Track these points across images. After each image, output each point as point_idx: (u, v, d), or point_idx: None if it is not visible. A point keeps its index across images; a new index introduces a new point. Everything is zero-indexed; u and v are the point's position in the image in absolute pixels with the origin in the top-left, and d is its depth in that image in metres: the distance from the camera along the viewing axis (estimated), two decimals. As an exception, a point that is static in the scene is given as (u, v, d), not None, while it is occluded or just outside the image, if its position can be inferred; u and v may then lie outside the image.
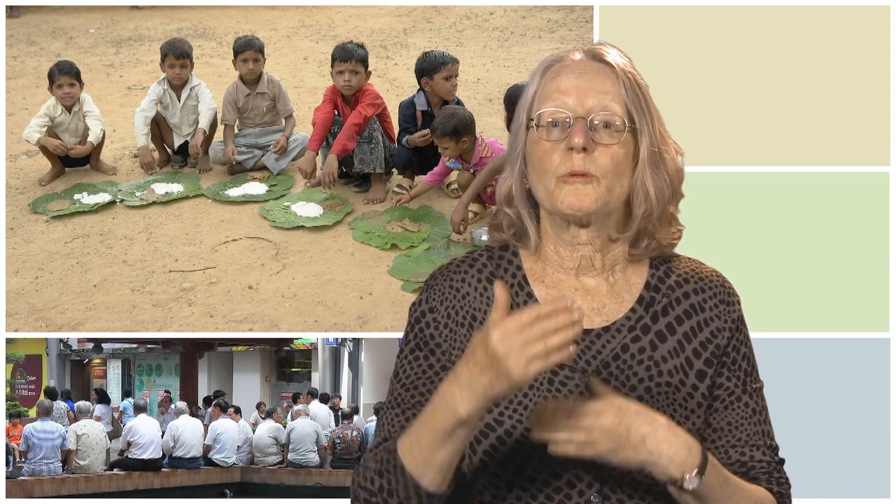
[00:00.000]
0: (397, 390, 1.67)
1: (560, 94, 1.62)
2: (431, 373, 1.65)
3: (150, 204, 6.20)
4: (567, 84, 1.63)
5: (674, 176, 1.66)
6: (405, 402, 1.65)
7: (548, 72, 1.66)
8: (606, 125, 1.61)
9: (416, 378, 1.66)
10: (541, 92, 1.65)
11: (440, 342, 1.66)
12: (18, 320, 5.17)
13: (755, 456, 1.68)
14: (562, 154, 1.60)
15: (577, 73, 1.63)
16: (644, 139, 1.62)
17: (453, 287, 1.68)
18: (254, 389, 16.32)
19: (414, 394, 1.65)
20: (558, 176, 1.60)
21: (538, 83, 1.66)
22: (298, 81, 8.51)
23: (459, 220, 5.46)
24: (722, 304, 1.69)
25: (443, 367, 1.64)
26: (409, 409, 1.64)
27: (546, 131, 1.62)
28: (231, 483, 10.83)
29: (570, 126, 1.60)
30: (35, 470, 9.35)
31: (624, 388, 1.61)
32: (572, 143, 1.59)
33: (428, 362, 1.66)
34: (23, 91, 8.36)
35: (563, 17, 10.08)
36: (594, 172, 1.60)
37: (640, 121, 1.62)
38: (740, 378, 1.69)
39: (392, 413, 1.66)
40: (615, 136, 1.61)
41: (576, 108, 1.61)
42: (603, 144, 1.60)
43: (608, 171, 1.60)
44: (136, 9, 11.41)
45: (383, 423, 1.66)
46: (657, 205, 1.64)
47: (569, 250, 1.67)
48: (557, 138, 1.61)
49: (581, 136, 1.59)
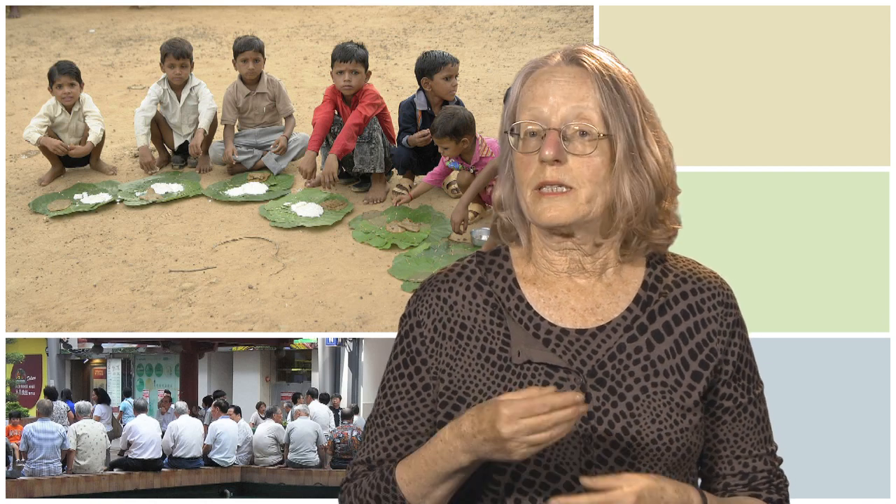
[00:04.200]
0: (383, 407, 1.70)
1: (536, 104, 1.61)
2: (414, 393, 1.67)
3: (150, 204, 6.20)
4: (542, 92, 1.62)
5: (658, 175, 1.63)
6: (389, 424, 1.69)
7: (528, 78, 1.65)
8: (583, 133, 1.59)
9: (399, 398, 1.68)
10: (520, 100, 1.64)
11: (426, 358, 1.67)
12: (18, 320, 5.17)
13: (757, 466, 1.70)
14: (536, 165, 1.60)
15: (552, 80, 1.62)
16: (620, 144, 1.60)
17: (440, 298, 1.68)
18: (254, 389, 16.32)
19: (398, 414, 1.68)
20: (532, 187, 1.60)
21: (519, 89, 1.66)
22: (298, 81, 8.51)
23: (459, 220, 5.46)
24: (721, 305, 1.68)
25: (426, 386, 1.67)
26: (393, 432, 1.68)
27: (523, 143, 1.62)
28: (231, 483, 10.83)
29: (544, 137, 1.60)
30: (35, 470, 9.35)
31: (620, 387, 1.61)
32: (542, 156, 1.59)
33: (412, 381, 1.68)
34: (23, 91, 8.36)
35: (563, 17, 10.08)
36: (570, 183, 1.59)
37: (615, 126, 1.60)
38: (745, 386, 1.69)
39: (377, 432, 1.70)
40: (590, 145, 1.59)
41: (550, 117, 1.60)
42: (577, 154, 1.59)
43: (585, 180, 1.59)
44: (136, 9, 11.41)
45: (368, 441, 1.70)
46: (638, 207, 1.62)
47: (557, 254, 1.66)
48: (533, 149, 1.61)
49: (552, 148, 1.58)
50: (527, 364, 1.62)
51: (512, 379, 1.62)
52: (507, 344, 1.64)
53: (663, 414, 1.60)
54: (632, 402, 1.60)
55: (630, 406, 1.60)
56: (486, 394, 1.62)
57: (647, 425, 1.59)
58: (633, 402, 1.60)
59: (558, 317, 1.64)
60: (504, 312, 1.65)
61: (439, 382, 1.66)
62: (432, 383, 1.67)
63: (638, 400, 1.60)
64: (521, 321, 1.64)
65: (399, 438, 1.68)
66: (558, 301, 1.65)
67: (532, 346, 1.62)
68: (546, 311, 1.65)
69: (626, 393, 1.60)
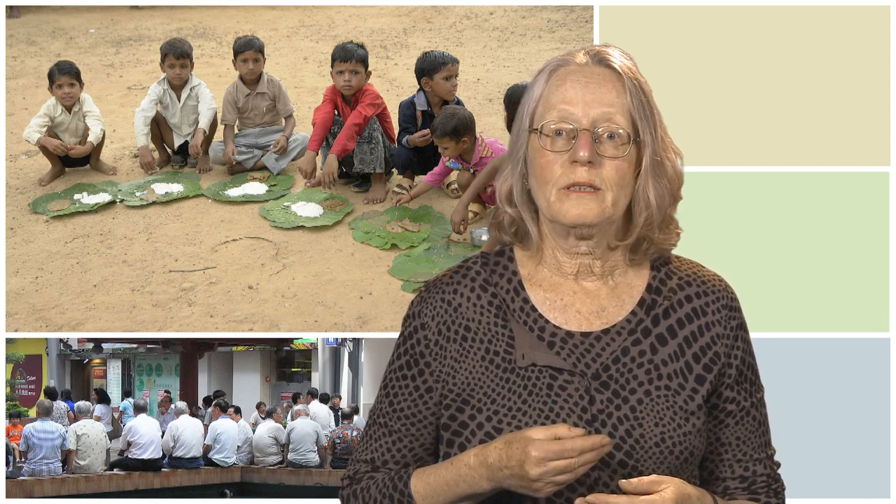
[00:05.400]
0: (385, 409, 1.70)
1: (565, 105, 1.60)
2: (417, 395, 1.68)
3: (150, 204, 6.20)
4: (572, 93, 1.61)
5: (673, 181, 1.64)
6: (392, 425, 1.69)
7: (553, 76, 1.64)
8: (611, 136, 1.59)
9: (403, 400, 1.69)
10: (545, 98, 1.63)
11: (430, 361, 1.67)
12: (18, 320, 5.17)
13: (757, 470, 1.71)
14: (564, 165, 1.59)
15: (582, 81, 1.61)
16: (647, 149, 1.61)
17: (445, 300, 1.68)
18: (254, 389, 16.32)
19: (401, 416, 1.69)
20: (560, 187, 1.59)
21: (543, 87, 1.64)
22: (298, 81, 8.51)
23: (459, 220, 5.46)
24: (725, 308, 1.68)
25: (429, 388, 1.67)
26: (396, 433, 1.69)
27: (550, 141, 1.60)
28: (231, 483, 10.83)
29: (576, 138, 1.59)
30: (35, 470, 9.35)
31: (624, 390, 1.61)
32: (577, 157, 1.58)
33: (415, 383, 1.68)
34: (23, 91, 8.36)
35: (563, 17, 10.08)
36: (599, 185, 1.59)
37: (643, 131, 1.61)
38: (747, 390, 1.69)
39: (380, 432, 1.70)
40: (620, 149, 1.59)
41: (581, 119, 1.59)
42: (607, 157, 1.59)
43: (613, 183, 1.59)
44: (136, 9, 11.41)
45: (370, 440, 1.71)
46: (658, 212, 1.63)
47: (567, 256, 1.66)
48: (561, 149, 1.60)
49: (586, 149, 1.58)
50: (531, 367, 1.62)
51: (516, 381, 1.62)
52: (512, 346, 1.64)
53: (667, 417, 1.60)
54: (636, 405, 1.60)
55: (634, 409, 1.60)
56: (491, 396, 1.62)
57: (651, 428, 1.59)
58: (636, 405, 1.60)
59: (563, 319, 1.64)
60: (508, 314, 1.65)
61: (442, 385, 1.66)
62: (435, 386, 1.67)
63: (642, 403, 1.60)
64: (525, 323, 1.64)
65: (402, 440, 1.69)
66: (563, 303, 1.65)
67: (536, 349, 1.62)
68: (551, 314, 1.65)
69: (630, 396, 1.61)
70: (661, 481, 1.52)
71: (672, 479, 1.53)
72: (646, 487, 1.52)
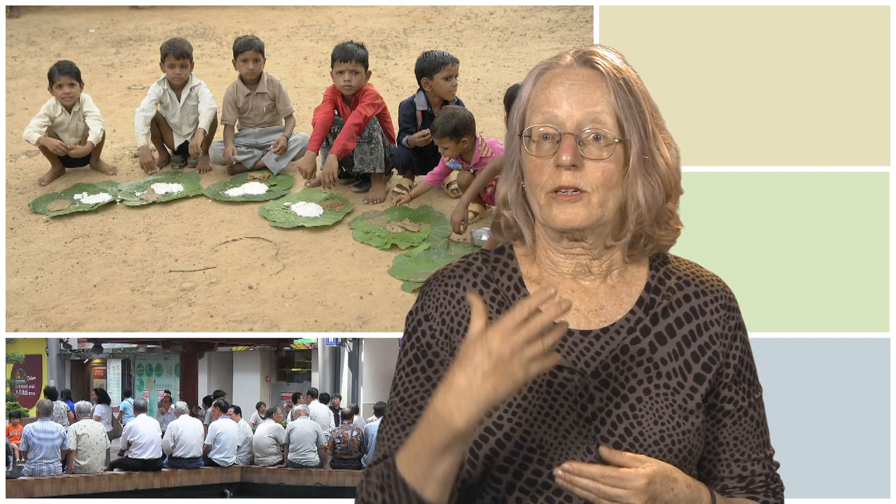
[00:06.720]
0: (396, 404, 1.66)
1: (550, 107, 1.60)
2: (430, 385, 1.65)
3: (150, 204, 6.20)
4: (556, 95, 1.60)
5: (667, 177, 1.63)
6: (404, 417, 1.64)
7: (539, 79, 1.64)
8: (597, 137, 1.59)
9: (413, 392, 1.65)
10: (532, 102, 1.63)
11: (437, 351, 1.66)
12: (18, 320, 5.17)
13: (756, 470, 1.70)
14: (551, 169, 1.59)
15: (566, 83, 1.61)
16: (634, 148, 1.60)
17: (448, 293, 1.67)
18: (254, 389, 16.32)
19: (413, 408, 1.64)
20: (547, 191, 1.60)
21: (530, 91, 1.64)
22: (298, 81, 8.51)
23: (459, 220, 5.46)
24: (723, 308, 1.68)
25: (440, 377, 1.63)
26: (409, 426, 1.62)
27: (536, 146, 1.61)
28: (231, 483, 10.84)
29: (560, 141, 1.59)
30: (35, 470, 9.35)
31: (623, 389, 1.61)
32: (559, 161, 1.58)
33: (426, 374, 1.66)
34: (23, 91, 8.36)
35: (563, 17, 10.08)
36: (584, 188, 1.58)
37: (629, 130, 1.60)
38: (745, 390, 1.69)
39: (392, 428, 1.65)
40: (605, 150, 1.59)
41: (565, 121, 1.59)
42: (590, 159, 1.59)
43: (599, 185, 1.59)
44: (136, 9, 11.41)
45: (383, 438, 1.66)
46: (650, 210, 1.62)
47: (564, 257, 1.66)
48: (547, 153, 1.60)
49: (569, 153, 1.57)
50: (531, 364, 1.61)
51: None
52: None
53: (666, 416, 1.60)
54: (635, 404, 1.60)
55: (633, 407, 1.60)
56: None
57: (650, 427, 1.59)
58: (636, 404, 1.60)
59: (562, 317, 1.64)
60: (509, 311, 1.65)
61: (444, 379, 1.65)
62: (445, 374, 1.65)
63: (641, 401, 1.60)
64: (525, 320, 1.64)
65: None
66: (563, 302, 1.65)
67: None
68: None
69: (629, 394, 1.60)
70: (644, 460, 1.52)
71: (653, 461, 1.53)
72: (625, 461, 1.52)
